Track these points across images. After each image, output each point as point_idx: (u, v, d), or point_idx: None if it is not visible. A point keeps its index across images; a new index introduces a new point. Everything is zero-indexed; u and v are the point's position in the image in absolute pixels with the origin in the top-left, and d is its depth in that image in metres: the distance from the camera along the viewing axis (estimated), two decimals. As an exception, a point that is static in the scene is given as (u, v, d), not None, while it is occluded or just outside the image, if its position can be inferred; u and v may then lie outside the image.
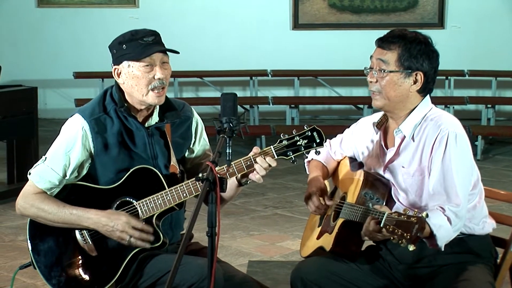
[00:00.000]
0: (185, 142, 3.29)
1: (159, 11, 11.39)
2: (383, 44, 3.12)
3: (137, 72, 3.08)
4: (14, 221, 6.10)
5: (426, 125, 3.10)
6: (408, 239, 2.74)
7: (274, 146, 2.99)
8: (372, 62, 3.14)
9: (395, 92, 3.09)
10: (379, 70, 3.09)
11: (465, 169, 3.05)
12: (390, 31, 3.16)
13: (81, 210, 3.10)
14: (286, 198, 7.06)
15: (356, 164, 3.37)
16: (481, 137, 8.68)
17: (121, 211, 3.10)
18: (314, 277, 3.17)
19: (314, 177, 3.37)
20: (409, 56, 3.07)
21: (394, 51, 3.08)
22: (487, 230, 3.17)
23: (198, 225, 2.67)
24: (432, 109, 3.16)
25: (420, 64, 3.08)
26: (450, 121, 3.10)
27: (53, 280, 3.15)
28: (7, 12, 11.58)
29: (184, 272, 2.94)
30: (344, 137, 3.45)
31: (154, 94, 3.10)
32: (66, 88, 11.60)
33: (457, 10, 11.41)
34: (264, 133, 8.72)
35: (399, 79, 3.09)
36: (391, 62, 3.08)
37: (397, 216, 2.79)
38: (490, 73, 11.11)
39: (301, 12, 11.54)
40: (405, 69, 3.08)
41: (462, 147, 3.04)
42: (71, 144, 3.12)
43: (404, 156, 3.13)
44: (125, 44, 3.09)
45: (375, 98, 3.14)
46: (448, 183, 3.00)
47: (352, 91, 11.57)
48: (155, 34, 3.11)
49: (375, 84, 3.12)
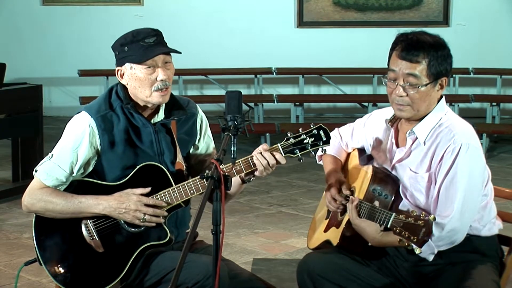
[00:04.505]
0: (190, 139, 3.30)
1: (164, 9, 11.39)
2: (409, 56, 3.00)
3: (140, 74, 3.08)
4: (19, 218, 6.11)
5: (440, 131, 3.05)
6: (415, 242, 2.73)
7: (281, 144, 2.99)
8: (396, 74, 3.03)
9: (425, 102, 3.04)
10: (409, 84, 3.00)
11: (472, 183, 2.99)
12: (404, 38, 3.03)
13: (90, 197, 3.10)
14: (291, 196, 7.06)
15: (365, 157, 3.36)
16: (486, 135, 8.66)
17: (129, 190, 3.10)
18: (320, 270, 3.16)
19: (332, 170, 3.35)
20: (436, 64, 2.99)
21: (422, 62, 2.98)
22: (494, 231, 3.16)
23: (202, 223, 2.67)
24: (447, 113, 3.10)
25: (445, 69, 3.02)
26: (464, 131, 3.04)
27: (59, 276, 3.14)
28: (13, 10, 11.59)
29: (189, 270, 2.94)
30: (355, 128, 3.42)
31: (158, 94, 3.10)
32: (71, 86, 11.61)
33: (462, 8, 11.39)
34: (269, 131, 8.72)
35: (430, 90, 3.03)
36: (422, 75, 2.99)
37: (405, 218, 2.76)
38: (495, 71, 11.09)
39: (306, 10, 11.53)
40: (435, 79, 3.01)
41: (474, 159, 2.99)
42: (78, 141, 3.12)
43: (413, 158, 3.11)
44: (127, 46, 3.08)
45: (403, 110, 3.05)
46: (450, 194, 2.97)
47: (356, 89, 11.56)
48: (156, 34, 3.09)
49: (404, 98, 3.02)
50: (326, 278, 3.15)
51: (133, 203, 3.05)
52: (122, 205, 3.06)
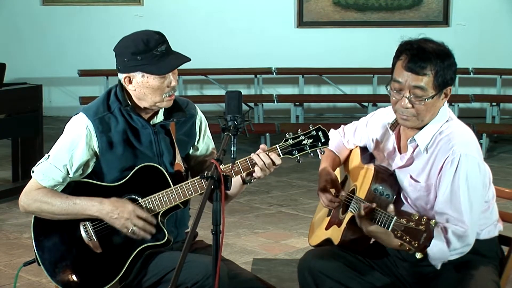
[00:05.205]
0: (190, 140, 3.30)
1: (164, 9, 11.39)
2: (416, 68, 2.94)
3: (153, 83, 3.07)
4: (19, 218, 6.11)
5: (440, 139, 3.02)
6: (416, 247, 2.70)
7: (280, 145, 2.99)
8: (401, 86, 2.98)
9: (430, 112, 3.01)
10: (415, 96, 2.96)
11: (474, 193, 2.97)
12: (410, 47, 2.97)
13: (84, 199, 3.10)
14: (291, 196, 7.06)
15: (367, 156, 3.34)
16: (486, 135, 8.66)
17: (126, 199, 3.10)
18: (321, 267, 3.15)
19: (325, 169, 3.33)
20: (443, 74, 2.95)
21: (429, 74, 2.94)
22: (494, 234, 3.16)
23: (202, 223, 2.67)
24: (448, 119, 3.07)
25: (450, 78, 2.99)
26: (463, 141, 3.01)
27: (57, 276, 3.15)
28: (13, 10, 11.59)
29: (188, 270, 2.93)
30: (358, 126, 3.40)
31: (166, 99, 3.11)
32: (71, 86, 11.61)
33: (462, 8, 11.39)
34: (269, 131, 8.72)
35: (436, 100, 2.99)
36: (429, 87, 2.95)
37: (406, 222, 2.72)
38: (495, 71, 11.09)
39: (306, 10, 11.53)
40: (440, 89, 2.98)
41: (473, 170, 2.96)
42: (75, 143, 3.12)
43: (414, 166, 3.08)
44: (139, 55, 3.05)
45: (408, 120, 3.02)
46: (455, 207, 2.95)
47: (356, 89, 11.56)
48: (164, 41, 3.09)
49: (410, 110, 2.99)
50: (327, 275, 3.14)
51: (126, 212, 3.05)
52: (115, 210, 3.06)
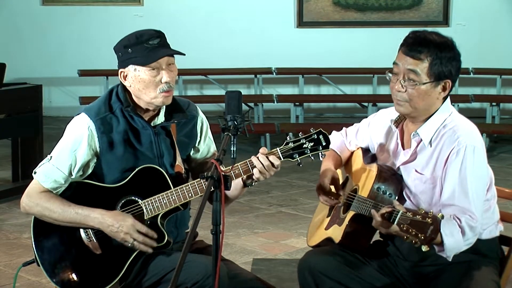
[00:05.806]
0: (190, 141, 3.29)
1: (164, 9, 11.39)
2: (412, 52, 2.99)
3: (144, 76, 3.07)
4: (18, 218, 6.11)
5: (444, 133, 3.04)
6: (422, 240, 2.68)
7: (280, 148, 2.98)
8: (398, 69, 3.02)
9: (423, 101, 3.02)
10: (409, 80, 3.00)
11: (480, 184, 2.99)
12: (413, 35, 3.03)
13: (86, 209, 3.10)
14: (291, 196, 7.06)
15: (369, 156, 3.34)
16: (486, 135, 8.66)
17: (126, 212, 3.10)
18: (321, 268, 3.15)
19: (326, 167, 3.33)
20: (440, 64, 2.98)
21: (425, 60, 2.97)
22: (495, 234, 3.16)
23: (202, 223, 2.67)
24: (452, 114, 3.08)
25: (449, 71, 3.00)
26: (468, 132, 3.03)
27: (56, 277, 3.15)
28: (13, 10, 11.59)
29: (188, 270, 2.93)
30: (360, 127, 3.41)
31: (162, 95, 3.09)
32: (71, 86, 11.61)
33: (462, 8, 11.39)
34: (269, 131, 8.72)
35: (430, 89, 3.01)
36: (423, 73, 2.98)
37: (412, 215, 2.71)
38: (495, 71, 11.10)
39: (306, 10, 11.53)
40: (436, 79, 2.99)
41: (479, 161, 2.98)
42: (77, 144, 3.12)
43: (419, 160, 3.09)
44: (131, 47, 3.06)
45: (401, 105, 3.05)
46: (463, 197, 2.95)
47: (356, 89, 11.56)
48: (160, 36, 3.08)
49: (403, 94, 3.02)
50: (327, 276, 3.14)
51: (126, 226, 3.05)
52: (116, 224, 3.06)
